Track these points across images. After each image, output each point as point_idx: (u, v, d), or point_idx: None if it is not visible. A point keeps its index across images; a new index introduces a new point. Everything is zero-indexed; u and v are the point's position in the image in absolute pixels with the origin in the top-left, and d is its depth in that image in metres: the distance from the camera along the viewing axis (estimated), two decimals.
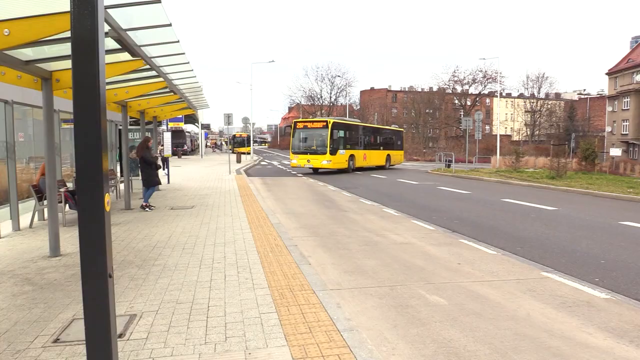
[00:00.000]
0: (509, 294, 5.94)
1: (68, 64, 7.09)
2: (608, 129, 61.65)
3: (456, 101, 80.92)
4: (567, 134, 57.14)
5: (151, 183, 12.12)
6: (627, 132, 57.35)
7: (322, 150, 27.29)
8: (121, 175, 14.89)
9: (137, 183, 15.45)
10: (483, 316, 5.16)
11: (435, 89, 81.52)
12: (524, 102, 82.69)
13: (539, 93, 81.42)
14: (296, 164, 28.56)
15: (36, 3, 5.30)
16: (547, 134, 75.98)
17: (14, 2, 5.33)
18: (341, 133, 28.74)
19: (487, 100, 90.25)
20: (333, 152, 27.25)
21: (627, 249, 8.69)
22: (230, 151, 37.56)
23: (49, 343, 4.09)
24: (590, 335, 4.72)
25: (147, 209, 11.86)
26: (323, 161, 27.23)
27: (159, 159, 13.09)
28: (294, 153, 28.81)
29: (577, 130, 62.92)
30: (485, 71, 72.71)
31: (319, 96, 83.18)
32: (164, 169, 28.80)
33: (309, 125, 29.23)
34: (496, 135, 47.84)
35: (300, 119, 29.99)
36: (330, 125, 27.30)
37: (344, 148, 28.83)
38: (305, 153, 28.16)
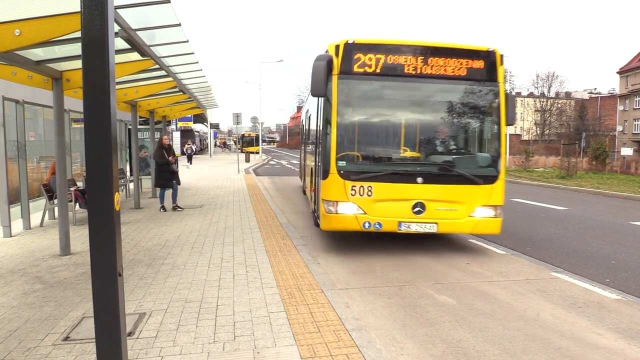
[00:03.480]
0: (519, 294, 5.90)
1: (78, 63, 7.16)
2: (619, 128, 61.07)
3: None
4: (578, 133, 56.64)
5: (157, 184, 11.87)
6: (638, 132, 56.81)
7: (484, 172, 7.72)
8: (131, 175, 14.99)
9: (147, 182, 15.57)
10: (492, 316, 5.13)
11: None
12: (534, 101, 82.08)
13: (549, 92, 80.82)
14: (359, 218, 7.23)
15: (47, 4, 5.34)
16: (557, 133, 75.31)
17: (25, 3, 5.37)
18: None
19: None
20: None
21: (639, 249, 8.60)
22: (239, 150, 37.44)
23: (59, 341, 4.13)
24: (601, 336, 4.68)
25: (177, 209, 11.71)
26: (479, 208, 7.50)
27: (176, 159, 12.23)
28: (349, 174, 7.21)
29: (588, 129, 62.27)
30: None
31: None
32: (188, 162, 29.10)
33: (415, 66, 7.29)
34: (506, 134, 47.66)
35: (364, 40, 7.26)
36: (500, 74, 7.58)
37: None
38: (411, 174, 7.29)
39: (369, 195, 7.20)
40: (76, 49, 6.62)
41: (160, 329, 4.39)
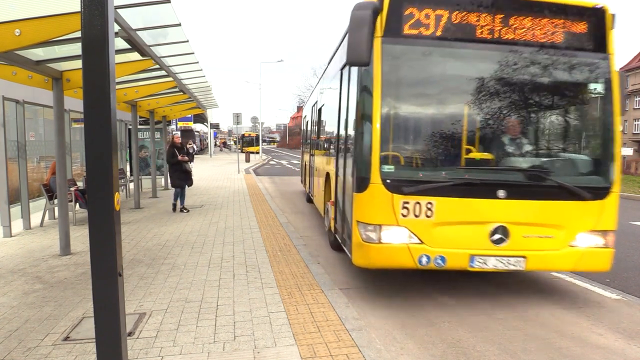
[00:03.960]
0: (519, 294, 5.90)
1: (78, 63, 7.16)
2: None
3: None
4: None
5: (172, 183, 11.62)
6: (638, 132, 56.79)
7: (591, 182, 5.29)
8: (131, 175, 14.99)
9: (147, 182, 15.56)
10: (492, 316, 5.13)
11: None
12: None
13: None
14: (412, 250, 5.02)
15: (47, 4, 5.35)
16: None
17: (25, 3, 5.38)
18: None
19: None
20: None
21: (639, 249, 8.60)
22: (239, 150, 37.40)
23: (59, 341, 4.13)
24: (601, 336, 4.68)
25: (183, 211, 11.49)
26: (583, 235, 5.21)
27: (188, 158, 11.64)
28: (399, 185, 4.94)
29: None
30: None
31: None
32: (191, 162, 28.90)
33: (491, 28, 5.06)
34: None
35: None
36: (610, 41, 5.37)
37: None
38: (489, 186, 5.01)
39: (427, 216, 4.97)
40: (76, 49, 6.62)
41: (161, 329, 4.39)
